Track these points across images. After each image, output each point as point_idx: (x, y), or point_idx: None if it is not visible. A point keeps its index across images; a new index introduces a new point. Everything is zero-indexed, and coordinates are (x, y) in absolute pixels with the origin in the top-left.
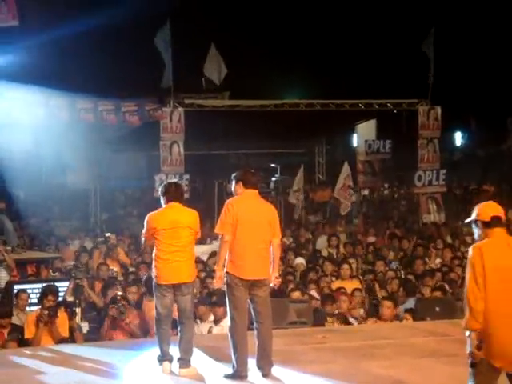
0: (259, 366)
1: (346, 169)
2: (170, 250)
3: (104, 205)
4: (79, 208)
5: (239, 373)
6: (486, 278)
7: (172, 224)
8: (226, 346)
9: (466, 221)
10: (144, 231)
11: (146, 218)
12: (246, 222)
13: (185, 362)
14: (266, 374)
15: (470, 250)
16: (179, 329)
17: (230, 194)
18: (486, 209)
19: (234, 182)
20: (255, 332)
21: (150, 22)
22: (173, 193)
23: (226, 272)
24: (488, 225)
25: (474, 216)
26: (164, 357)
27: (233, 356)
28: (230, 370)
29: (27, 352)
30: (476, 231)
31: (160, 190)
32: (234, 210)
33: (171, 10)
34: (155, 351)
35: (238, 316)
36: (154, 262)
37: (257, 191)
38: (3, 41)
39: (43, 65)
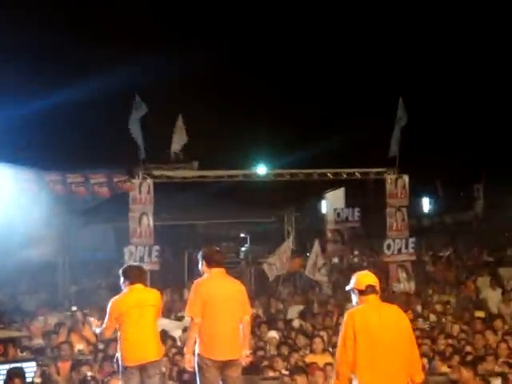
0: None
1: (316, 247)
2: (135, 330)
3: (72, 277)
4: (47, 281)
5: None
6: (356, 340)
7: (138, 304)
8: None
9: (347, 288)
10: (107, 319)
11: (110, 304)
12: (215, 303)
13: None
14: None
15: (345, 315)
16: None
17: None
18: (362, 278)
19: (200, 260)
20: None
21: (118, 96)
22: (137, 276)
23: (197, 353)
24: (363, 293)
25: (351, 285)
26: None
27: None
28: None
29: None
30: (354, 298)
31: (121, 272)
32: (202, 290)
33: (139, 84)
34: None
35: None
36: (119, 344)
37: (223, 269)
38: None
39: (10, 139)
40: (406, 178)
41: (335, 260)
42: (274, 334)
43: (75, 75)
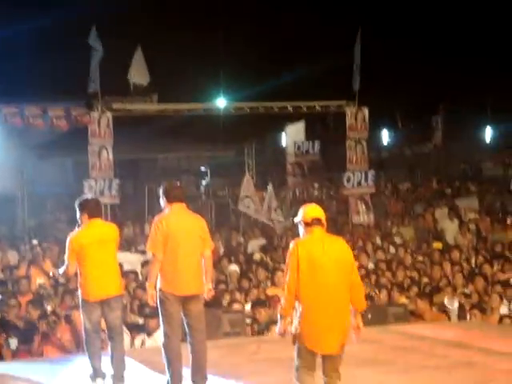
0: (194, 381)
1: (269, 190)
2: (96, 266)
3: (31, 211)
4: (5, 215)
5: None
6: (299, 269)
7: (98, 239)
8: (160, 360)
9: (295, 220)
10: (67, 255)
11: (68, 240)
12: (176, 238)
13: (118, 378)
14: None
15: (290, 245)
16: (110, 345)
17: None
18: (309, 211)
19: (160, 196)
20: (189, 346)
21: (77, 26)
22: (95, 210)
23: (159, 288)
24: (309, 225)
25: (298, 217)
26: (96, 374)
27: (167, 371)
28: None
29: None
30: (300, 230)
31: (77, 205)
32: (163, 226)
33: (97, 14)
34: (87, 367)
35: (172, 331)
36: (79, 279)
37: (183, 204)
38: None
39: None
40: (365, 110)
41: (297, 192)
42: (234, 268)
43: (34, 3)
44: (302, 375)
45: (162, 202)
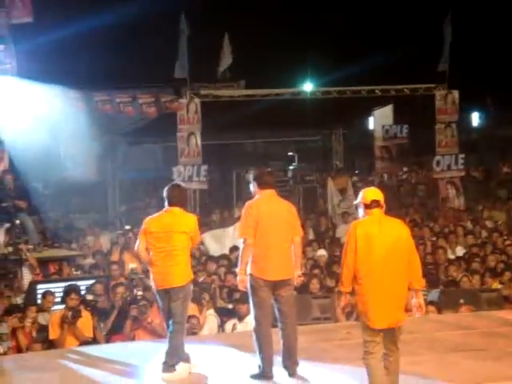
0: (285, 366)
1: (329, 186)
2: (161, 255)
3: (122, 197)
4: (97, 200)
5: (265, 373)
6: (358, 249)
7: (166, 228)
8: (251, 343)
9: (354, 202)
10: (139, 239)
11: (143, 224)
12: (267, 224)
13: (167, 366)
14: (292, 374)
15: (350, 225)
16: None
17: (248, 184)
18: (368, 193)
19: (251, 182)
20: (280, 332)
21: (165, 13)
22: (175, 198)
23: (250, 274)
24: (368, 206)
25: (358, 199)
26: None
27: (258, 356)
28: (255, 370)
29: (54, 354)
30: (360, 211)
31: (164, 193)
32: (254, 212)
33: (184, 1)
34: None
35: (263, 317)
36: (150, 267)
37: (274, 191)
38: (18, 37)
39: (58, 60)
40: (455, 93)
41: (384, 177)
42: (323, 252)
43: None
44: (368, 358)
45: (253, 187)
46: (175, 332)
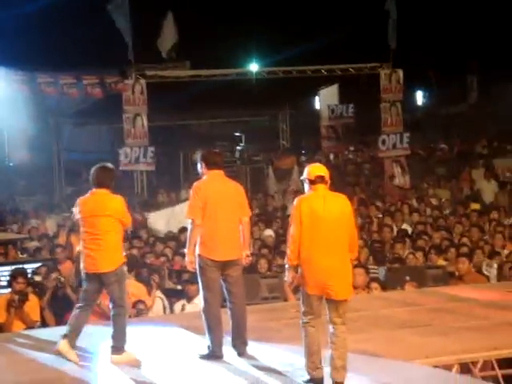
0: (234, 345)
1: (270, 174)
2: (88, 239)
3: (67, 179)
4: (43, 183)
5: (215, 353)
6: (302, 221)
7: (90, 212)
8: (201, 324)
9: (300, 178)
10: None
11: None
12: (215, 204)
13: (115, 349)
14: (241, 353)
15: (295, 200)
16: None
17: (195, 165)
18: (313, 169)
19: (198, 162)
20: (228, 312)
21: None
22: (101, 179)
23: (198, 254)
24: (313, 182)
25: (303, 175)
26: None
27: (208, 337)
28: (205, 351)
29: (0, 338)
30: (305, 187)
31: (90, 174)
32: (202, 192)
33: None
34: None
35: (211, 297)
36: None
37: (222, 171)
38: None
39: (1, 42)
40: (400, 72)
41: (331, 157)
42: (269, 232)
43: None
44: (306, 328)
45: (200, 168)
46: (117, 315)
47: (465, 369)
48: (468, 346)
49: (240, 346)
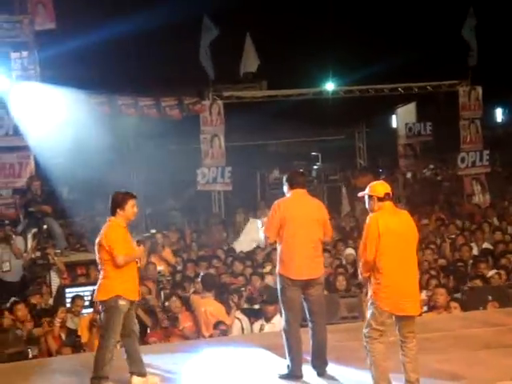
0: (314, 365)
1: (343, 193)
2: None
3: (146, 199)
4: None
5: (294, 373)
6: (381, 240)
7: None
8: (280, 343)
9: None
10: None
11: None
12: (294, 222)
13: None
14: (321, 373)
15: (368, 218)
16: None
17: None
18: (380, 187)
19: (283, 184)
20: (310, 331)
21: (187, 20)
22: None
23: (279, 273)
24: (381, 199)
25: (369, 192)
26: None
27: (287, 356)
28: (284, 370)
29: (83, 358)
30: (369, 204)
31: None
32: (281, 210)
33: (206, 3)
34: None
35: (292, 317)
36: None
37: (305, 190)
38: (42, 43)
39: (81, 65)
40: (479, 89)
41: (408, 175)
42: (351, 251)
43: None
44: (375, 344)
45: (285, 188)
46: (98, 345)
47: None
48: None
49: (320, 366)
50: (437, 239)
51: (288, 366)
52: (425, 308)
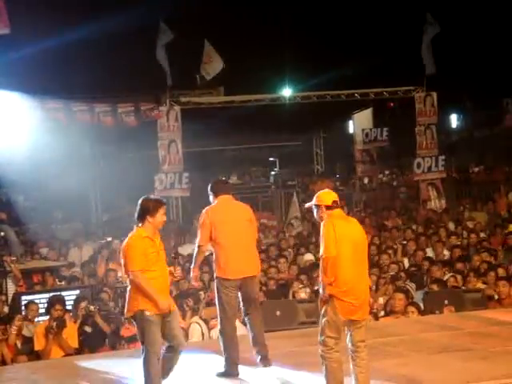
0: (257, 352)
1: (294, 200)
2: None
3: (104, 206)
4: (79, 210)
5: (230, 371)
6: (338, 244)
7: None
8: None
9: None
10: None
11: None
12: (224, 225)
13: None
14: (263, 357)
15: (323, 225)
16: None
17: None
18: (327, 195)
19: (209, 194)
20: (247, 325)
21: (143, 26)
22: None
23: (216, 277)
24: (330, 208)
25: (316, 202)
26: None
27: (223, 355)
28: (221, 369)
29: (39, 366)
30: (316, 213)
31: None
32: (209, 216)
33: (162, 10)
34: None
35: (228, 318)
36: None
37: (230, 196)
38: None
39: (36, 71)
40: (434, 95)
41: (365, 180)
42: (310, 257)
43: (99, 6)
44: (332, 354)
45: (211, 198)
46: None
47: None
48: (508, 371)
49: (261, 351)
50: (394, 244)
51: (224, 365)
52: (382, 313)
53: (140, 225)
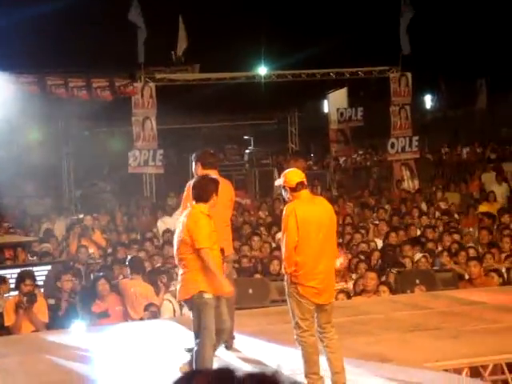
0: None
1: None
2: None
3: (76, 182)
4: (52, 185)
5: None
6: (299, 230)
7: None
8: None
9: (276, 184)
10: None
11: None
12: None
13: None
14: (229, 346)
15: (285, 209)
16: None
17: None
18: (292, 176)
19: (194, 163)
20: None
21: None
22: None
23: None
24: (294, 189)
25: (281, 182)
26: None
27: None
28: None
29: (10, 340)
30: (284, 194)
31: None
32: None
33: None
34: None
35: None
36: None
37: (216, 171)
38: None
39: (10, 45)
40: (409, 75)
41: (341, 160)
42: None
43: None
44: (306, 337)
45: (197, 168)
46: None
47: (475, 372)
48: (478, 350)
49: (228, 340)
50: (366, 224)
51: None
52: (353, 292)
53: (201, 203)
